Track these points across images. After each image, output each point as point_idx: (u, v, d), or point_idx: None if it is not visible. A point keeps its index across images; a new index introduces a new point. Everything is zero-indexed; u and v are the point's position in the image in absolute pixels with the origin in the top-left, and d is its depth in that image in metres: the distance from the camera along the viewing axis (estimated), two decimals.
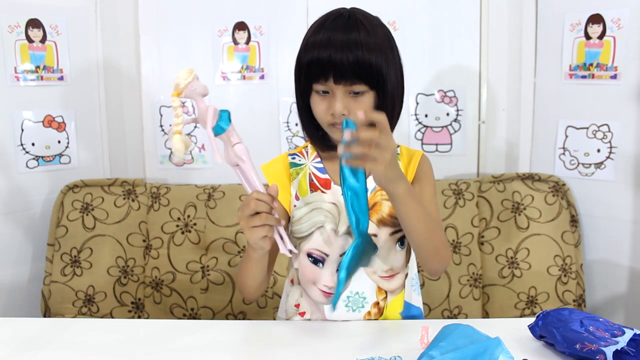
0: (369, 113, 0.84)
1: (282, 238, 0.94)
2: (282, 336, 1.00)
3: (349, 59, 0.94)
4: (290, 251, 0.94)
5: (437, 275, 1.05)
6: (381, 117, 0.84)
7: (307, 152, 1.11)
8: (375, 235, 1.05)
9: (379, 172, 0.85)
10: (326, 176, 1.08)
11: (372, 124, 0.84)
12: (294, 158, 1.11)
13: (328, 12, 1.02)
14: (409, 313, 1.11)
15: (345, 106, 0.97)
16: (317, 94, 0.99)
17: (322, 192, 1.07)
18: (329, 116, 0.99)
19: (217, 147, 0.90)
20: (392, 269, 1.08)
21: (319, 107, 1.00)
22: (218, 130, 0.91)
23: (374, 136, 0.82)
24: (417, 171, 1.09)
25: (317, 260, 1.06)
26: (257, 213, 0.89)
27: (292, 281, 1.13)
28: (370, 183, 1.07)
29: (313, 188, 1.07)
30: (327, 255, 1.06)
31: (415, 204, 0.94)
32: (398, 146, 1.13)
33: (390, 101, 1.00)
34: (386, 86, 0.98)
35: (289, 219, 1.10)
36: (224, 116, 0.91)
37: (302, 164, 1.10)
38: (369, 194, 1.02)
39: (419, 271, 1.71)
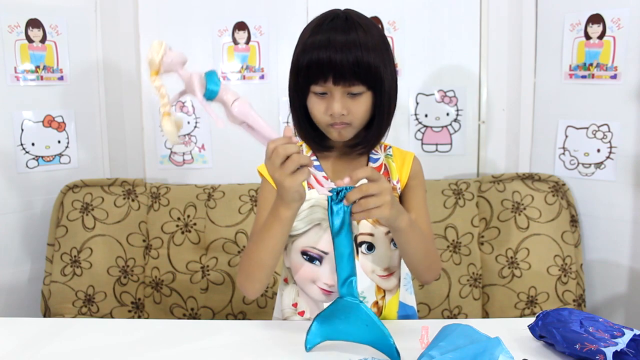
0: (354, 175, 0.87)
1: (317, 180, 0.89)
2: (282, 336, 1.00)
3: (349, 60, 0.94)
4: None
5: (428, 284, 1.09)
6: (366, 172, 0.87)
7: (302, 151, 1.11)
8: (371, 235, 1.06)
9: (386, 215, 0.89)
10: (323, 173, 1.08)
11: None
12: None
13: (322, 13, 1.02)
14: (404, 312, 1.11)
15: (344, 106, 0.98)
16: (315, 95, 1.00)
17: None
18: (328, 117, 0.99)
19: (214, 113, 0.85)
20: (389, 267, 1.08)
21: (317, 108, 1.00)
22: (210, 95, 0.85)
23: (369, 189, 0.86)
24: (411, 175, 1.10)
25: (313, 258, 1.06)
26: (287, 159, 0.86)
27: (285, 280, 1.13)
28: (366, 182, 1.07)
29: (309, 186, 1.07)
30: (325, 253, 1.05)
31: (414, 232, 0.98)
32: (390, 147, 1.13)
33: (387, 101, 1.01)
34: (383, 86, 0.99)
35: None
36: (212, 78, 0.85)
37: None
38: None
39: None
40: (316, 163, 1.09)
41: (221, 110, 0.88)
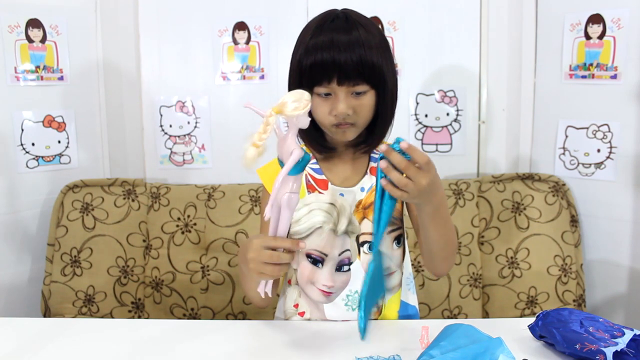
0: (417, 152, 0.83)
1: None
2: (282, 336, 1.00)
3: (353, 59, 0.94)
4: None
5: (441, 276, 1.08)
6: (424, 158, 0.84)
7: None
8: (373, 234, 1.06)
9: (411, 201, 0.91)
10: (323, 177, 1.08)
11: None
12: None
13: (321, 14, 1.02)
14: (405, 312, 1.11)
15: (349, 106, 0.98)
16: (319, 97, 0.99)
17: (320, 192, 1.07)
18: (332, 117, 0.99)
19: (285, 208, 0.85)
20: (390, 267, 1.08)
21: (322, 109, 1.00)
22: (296, 171, 0.84)
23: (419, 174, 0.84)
24: None
25: (316, 261, 1.06)
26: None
27: (289, 281, 1.13)
28: (367, 182, 1.07)
29: (310, 189, 1.07)
30: (326, 255, 1.06)
31: (441, 218, 0.96)
32: None
33: (389, 99, 1.02)
34: (386, 84, 0.99)
35: None
36: (303, 162, 0.84)
37: None
38: (365, 193, 1.07)
39: (418, 271, 1.71)
40: (316, 166, 1.10)
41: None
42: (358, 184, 1.07)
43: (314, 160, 1.10)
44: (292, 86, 1.03)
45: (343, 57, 0.94)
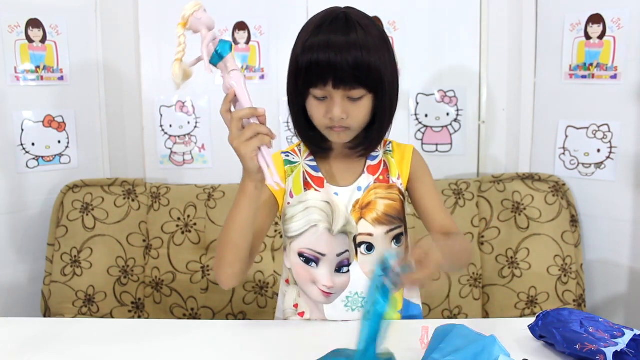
0: (408, 257, 0.82)
1: (268, 167, 0.91)
2: (282, 336, 1.00)
3: (349, 62, 0.92)
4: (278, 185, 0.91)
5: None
6: (417, 255, 0.82)
7: (300, 151, 1.11)
8: (370, 235, 1.06)
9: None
10: (319, 174, 1.08)
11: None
12: (287, 156, 1.11)
13: (322, 12, 1.01)
14: (408, 312, 1.11)
15: (344, 111, 0.97)
16: (315, 99, 0.99)
17: (316, 190, 1.07)
18: (327, 120, 0.99)
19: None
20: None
21: (317, 111, 0.99)
22: (214, 59, 0.92)
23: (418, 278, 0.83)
24: (412, 167, 1.10)
25: (309, 260, 1.06)
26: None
27: (287, 281, 1.13)
28: (364, 181, 1.07)
29: (307, 186, 1.07)
30: (322, 255, 1.05)
31: (455, 262, 1.01)
32: (390, 142, 1.13)
33: (388, 102, 1.00)
34: (384, 88, 0.98)
35: (278, 214, 1.09)
36: (224, 46, 0.92)
37: (296, 162, 1.09)
38: (362, 192, 1.06)
39: None
40: (313, 164, 1.09)
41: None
42: (355, 183, 1.07)
43: (311, 158, 1.10)
44: (289, 86, 1.03)
45: (339, 59, 0.92)
